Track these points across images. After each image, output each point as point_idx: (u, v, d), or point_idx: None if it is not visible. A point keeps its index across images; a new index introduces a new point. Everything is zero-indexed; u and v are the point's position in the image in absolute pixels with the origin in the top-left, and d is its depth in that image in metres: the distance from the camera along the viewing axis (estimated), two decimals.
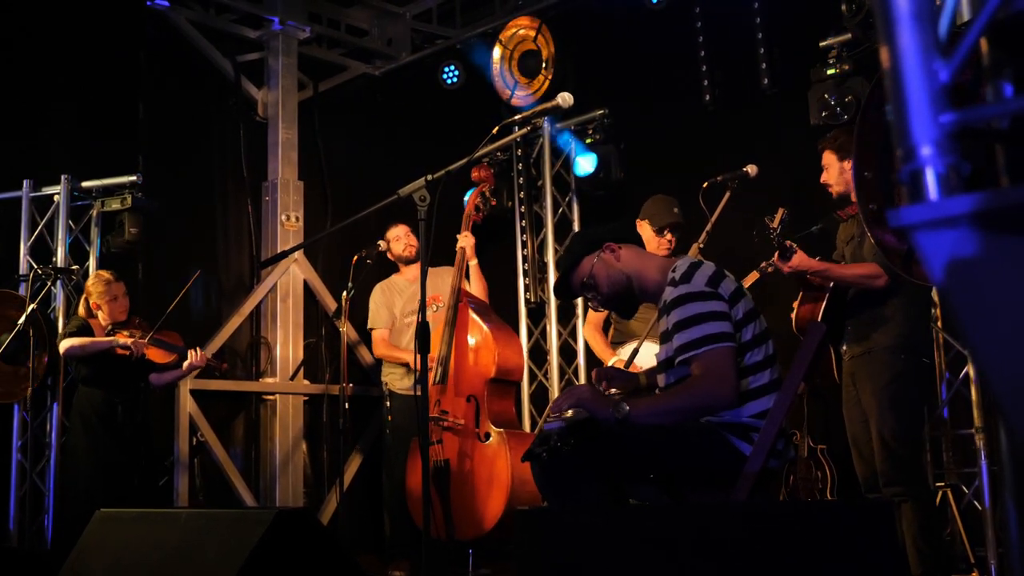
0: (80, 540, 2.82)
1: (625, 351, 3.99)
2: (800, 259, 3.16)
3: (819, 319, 3.24)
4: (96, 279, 4.40)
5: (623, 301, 2.51)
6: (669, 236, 3.99)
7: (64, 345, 4.29)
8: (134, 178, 4.95)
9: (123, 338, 4.22)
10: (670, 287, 2.33)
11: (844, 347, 3.32)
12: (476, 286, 4.54)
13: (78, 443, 4.35)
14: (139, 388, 4.44)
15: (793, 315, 3.38)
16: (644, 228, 4.01)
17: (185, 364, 4.40)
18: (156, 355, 4.37)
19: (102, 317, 4.37)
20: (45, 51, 5.07)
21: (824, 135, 3.54)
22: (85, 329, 4.34)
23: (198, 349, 4.43)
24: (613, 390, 2.56)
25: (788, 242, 3.17)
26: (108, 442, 4.29)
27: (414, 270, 4.79)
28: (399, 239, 4.82)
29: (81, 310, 4.44)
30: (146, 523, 2.79)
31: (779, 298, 3.91)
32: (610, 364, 3.95)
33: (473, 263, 4.50)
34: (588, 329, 4.40)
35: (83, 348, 4.25)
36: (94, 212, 5.01)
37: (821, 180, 3.40)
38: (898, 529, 2.98)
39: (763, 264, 3.57)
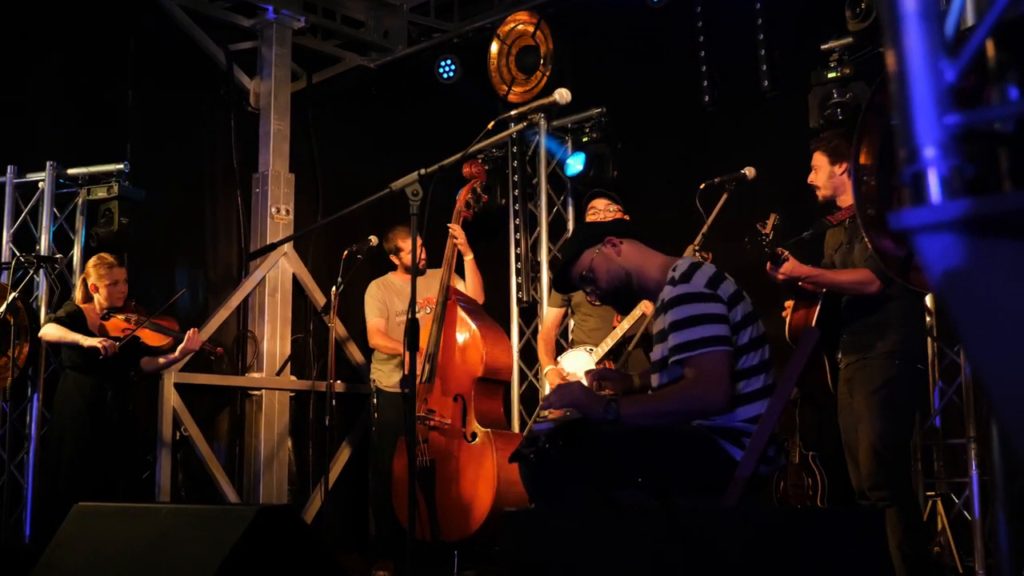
0: (57, 534, 2.78)
1: (565, 358, 4.20)
2: (792, 266, 3.15)
3: (812, 326, 3.22)
4: (99, 261, 4.35)
5: (621, 296, 2.48)
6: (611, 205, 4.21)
7: (43, 330, 4.31)
8: (121, 166, 4.89)
9: (89, 341, 4.15)
10: (669, 286, 2.30)
11: (840, 355, 3.30)
12: (471, 282, 4.51)
13: (61, 433, 4.28)
14: (129, 376, 4.40)
15: (786, 323, 3.36)
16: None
17: (180, 347, 4.36)
18: (151, 338, 4.34)
19: (98, 300, 4.32)
20: (33, 36, 5.01)
21: (818, 135, 3.52)
22: (75, 316, 4.28)
23: (195, 331, 4.40)
24: (606, 391, 2.53)
25: (779, 249, 3.14)
26: (93, 431, 4.22)
27: None
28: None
29: (78, 294, 4.39)
30: (125, 518, 2.75)
31: (774, 303, 3.89)
32: (545, 371, 4.22)
33: (468, 258, 4.47)
34: (540, 335, 4.53)
35: (58, 339, 4.23)
36: (79, 200, 4.95)
37: (808, 180, 3.40)
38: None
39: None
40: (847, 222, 3.25)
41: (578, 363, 4.15)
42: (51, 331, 4.24)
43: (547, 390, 4.25)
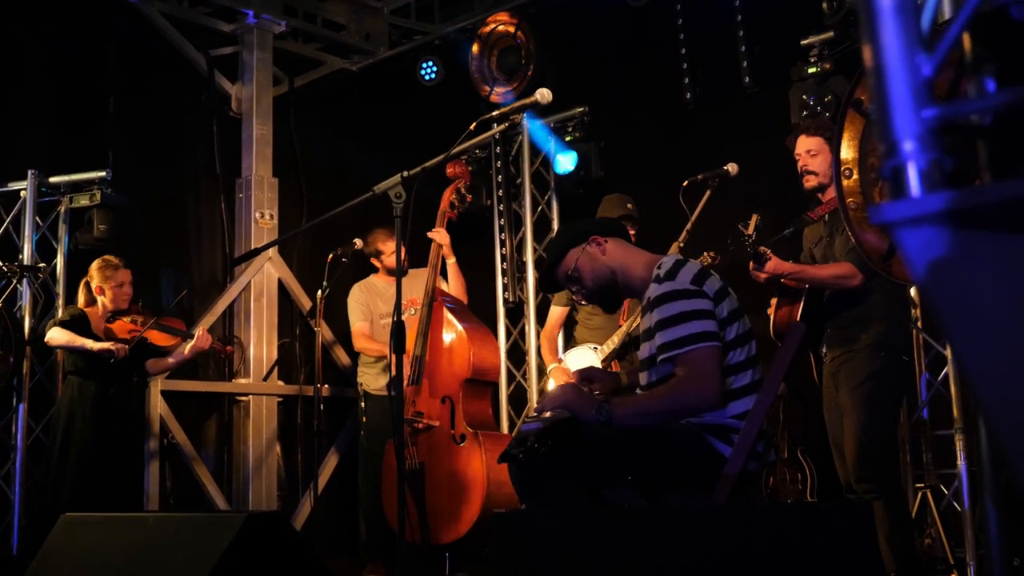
0: (45, 544, 2.75)
1: (570, 356, 4.19)
2: (774, 264, 3.17)
3: (798, 321, 3.23)
4: (103, 263, 4.30)
5: (607, 295, 2.48)
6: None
7: (50, 334, 4.23)
8: (103, 174, 4.84)
9: (99, 345, 4.12)
10: (654, 284, 2.30)
11: (824, 349, 3.32)
12: (455, 284, 4.49)
13: (67, 440, 4.15)
14: (131, 379, 4.36)
15: (770, 320, 3.37)
16: None
17: (189, 346, 4.32)
18: (159, 338, 4.32)
19: (104, 303, 4.27)
20: (11, 43, 4.96)
21: (803, 122, 3.51)
22: (80, 320, 4.23)
23: (205, 329, 4.36)
24: (596, 392, 2.53)
25: (761, 248, 3.16)
26: (100, 437, 4.16)
27: None
28: (395, 253, 4.72)
29: (81, 298, 4.33)
30: (113, 527, 2.73)
31: (760, 301, 3.90)
32: (549, 368, 4.22)
33: (451, 261, 4.45)
34: (544, 333, 4.52)
35: (67, 343, 4.17)
36: (62, 208, 4.90)
37: (800, 166, 3.32)
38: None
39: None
40: (826, 216, 3.27)
41: (583, 361, 4.12)
42: (58, 336, 4.17)
43: (551, 386, 4.24)
